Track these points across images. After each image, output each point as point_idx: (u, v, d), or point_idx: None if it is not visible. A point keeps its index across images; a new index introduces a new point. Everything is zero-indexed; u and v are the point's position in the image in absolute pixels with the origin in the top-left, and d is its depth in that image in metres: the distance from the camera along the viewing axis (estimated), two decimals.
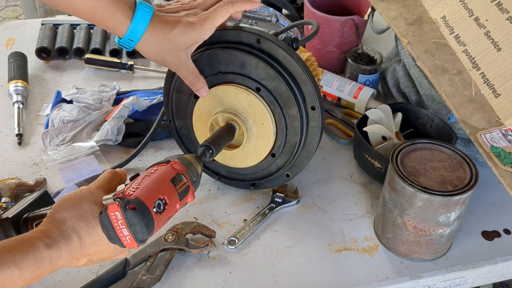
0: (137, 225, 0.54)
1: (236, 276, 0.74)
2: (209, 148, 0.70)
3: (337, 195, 0.87)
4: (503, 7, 0.75)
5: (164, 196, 0.58)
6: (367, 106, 1.02)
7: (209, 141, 0.71)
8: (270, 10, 1.12)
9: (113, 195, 0.56)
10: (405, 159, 0.72)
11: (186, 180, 0.62)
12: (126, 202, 0.54)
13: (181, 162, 0.63)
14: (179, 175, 0.61)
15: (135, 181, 0.58)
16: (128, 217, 0.54)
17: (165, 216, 0.58)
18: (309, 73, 0.74)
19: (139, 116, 0.99)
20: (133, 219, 0.54)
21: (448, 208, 0.68)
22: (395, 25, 0.86)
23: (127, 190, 0.56)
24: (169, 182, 0.59)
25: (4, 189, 0.82)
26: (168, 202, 0.58)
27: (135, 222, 0.54)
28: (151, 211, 0.55)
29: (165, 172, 0.60)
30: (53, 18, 1.76)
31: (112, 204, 0.54)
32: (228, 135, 0.76)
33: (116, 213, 0.54)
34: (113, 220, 0.54)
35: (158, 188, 0.58)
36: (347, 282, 0.73)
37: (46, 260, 0.52)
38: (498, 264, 0.77)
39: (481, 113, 0.72)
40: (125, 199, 0.54)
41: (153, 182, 0.58)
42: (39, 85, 1.10)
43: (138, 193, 0.56)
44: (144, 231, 0.55)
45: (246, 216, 0.83)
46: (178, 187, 0.60)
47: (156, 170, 0.61)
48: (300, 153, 0.79)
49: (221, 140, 0.74)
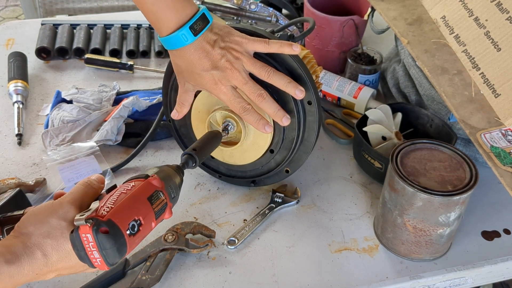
0: (109, 249, 0.52)
1: (236, 276, 0.74)
2: (192, 157, 0.68)
3: (337, 195, 0.87)
4: (503, 7, 0.75)
5: (139, 216, 0.55)
6: (367, 106, 1.02)
7: (193, 149, 0.69)
8: (270, 10, 1.12)
9: (85, 215, 0.53)
10: (405, 159, 0.72)
11: (164, 197, 0.59)
12: (98, 225, 0.51)
13: (160, 177, 0.60)
14: (157, 192, 0.58)
15: (110, 198, 0.55)
16: (99, 241, 0.51)
17: (138, 238, 0.56)
18: (305, 68, 0.74)
19: (139, 116, 0.99)
20: (105, 243, 0.51)
21: (448, 208, 0.68)
22: (395, 25, 0.86)
23: (101, 209, 0.53)
24: (146, 201, 0.57)
25: (4, 189, 0.82)
26: (143, 222, 0.55)
27: (107, 246, 0.52)
28: (124, 234, 0.53)
29: (142, 190, 0.57)
30: (53, 18, 1.76)
31: (84, 225, 0.51)
32: (214, 141, 0.74)
33: (87, 235, 0.51)
34: (84, 242, 0.52)
35: (134, 208, 0.55)
36: (347, 282, 0.73)
37: (5, 276, 0.50)
38: (498, 264, 0.77)
39: (481, 113, 0.72)
40: (98, 221, 0.52)
41: (129, 201, 0.55)
42: (39, 85, 1.10)
43: (111, 214, 0.53)
44: (115, 255, 0.53)
45: (246, 216, 0.83)
46: (155, 205, 0.57)
47: (133, 186, 0.57)
48: (298, 149, 0.79)
49: (206, 148, 0.72)
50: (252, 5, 1.12)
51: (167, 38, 0.68)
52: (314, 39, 1.10)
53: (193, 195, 0.87)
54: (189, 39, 0.67)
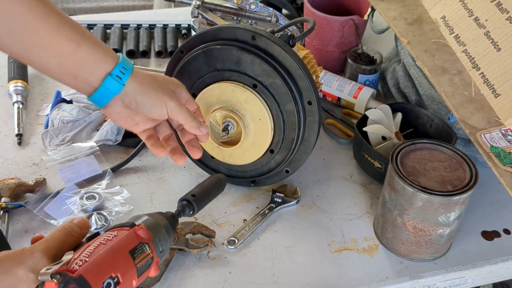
0: None
1: (236, 276, 0.74)
2: (189, 204, 0.63)
3: (337, 195, 0.87)
4: (503, 7, 0.75)
5: (117, 273, 0.47)
6: (367, 106, 1.02)
7: (192, 196, 0.64)
8: (270, 10, 1.12)
9: (53, 268, 0.45)
10: (405, 159, 0.72)
11: (150, 251, 0.52)
12: (66, 282, 0.44)
13: (148, 227, 0.53)
14: (142, 244, 0.51)
15: (86, 249, 0.48)
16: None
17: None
18: (305, 68, 0.74)
19: None
20: None
21: (448, 208, 0.68)
22: (395, 25, 0.85)
23: (73, 262, 0.46)
24: (127, 255, 0.49)
25: (4, 189, 0.82)
26: (121, 281, 0.47)
27: None
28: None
29: (125, 241, 0.50)
30: None
31: (50, 282, 0.44)
32: (217, 187, 0.68)
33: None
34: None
35: (111, 263, 0.47)
36: (347, 282, 0.73)
37: None
38: (498, 264, 0.77)
39: (481, 113, 0.72)
40: (66, 277, 0.44)
41: (106, 254, 0.47)
42: (39, 85, 1.10)
43: (84, 270, 0.45)
44: None
45: (246, 216, 0.83)
46: (138, 260, 0.50)
47: (114, 236, 0.50)
48: (298, 149, 0.79)
49: (208, 195, 0.66)
50: (252, 5, 1.12)
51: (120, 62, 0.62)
52: (314, 39, 1.10)
53: None
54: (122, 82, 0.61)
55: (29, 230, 0.79)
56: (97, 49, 0.59)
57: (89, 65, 0.59)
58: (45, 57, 0.56)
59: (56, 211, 0.81)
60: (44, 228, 0.79)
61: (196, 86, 0.79)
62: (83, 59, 0.58)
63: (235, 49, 0.73)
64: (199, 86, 0.78)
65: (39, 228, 0.79)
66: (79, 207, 0.81)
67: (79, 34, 0.57)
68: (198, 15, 1.11)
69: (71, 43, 0.56)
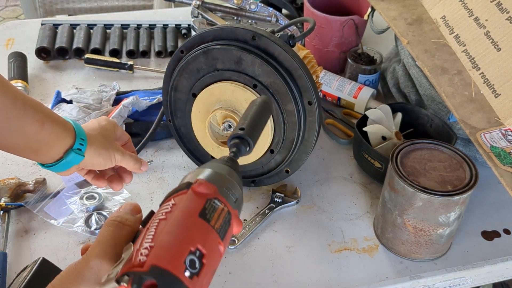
0: None
1: (236, 276, 0.74)
2: (244, 141, 0.50)
3: (337, 195, 0.87)
4: (503, 7, 0.75)
5: (196, 245, 0.38)
6: (367, 106, 1.02)
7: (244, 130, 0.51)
8: (270, 10, 1.12)
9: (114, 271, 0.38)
10: (405, 159, 0.72)
11: (223, 205, 0.42)
12: (139, 280, 0.35)
13: (208, 179, 0.43)
14: (210, 201, 0.41)
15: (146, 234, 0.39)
16: None
17: (207, 274, 0.39)
18: (305, 68, 0.74)
19: (138, 116, 0.99)
20: None
21: (448, 208, 0.68)
22: (395, 25, 0.86)
23: (137, 255, 0.37)
24: (199, 220, 0.40)
25: (4, 189, 0.82)
26: (205, 252, 0.38)
27: None
28: (183, 280, 0.36)
29: (189, 206, 0.41)
30: (53, 18, 1.76)
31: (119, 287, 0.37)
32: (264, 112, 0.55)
33: None
34: None
35: (184, 236, 0.38)
36: (347, 282, 0.73)
37: None
38: (498, 264, 0.77)
39: (481, 113, 0.72)
40: (137, 275, 0.36)
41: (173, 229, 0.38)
42: (39, 85, 1.10)
43: (153, 257, 0.37)
44: None
45: (245, 216, 0.83)
46: (213, 221, 0.40)
47: (173, 205, 0.41)
48: (298, 149, 0.79)
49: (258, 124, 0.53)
50: (252, 5, 1.12)
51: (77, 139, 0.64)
52: (314, 39, 1.10)
53: None
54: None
55: (29, 230, 0.79)
56: (58, 125, 0.62)
57: (51, 141, 0.61)
58: (12, 138, 0.58)
59: (56, 211, 0.81)
60: (44, 228, 0.79)
61: (196, 86, 0.79)
62: (47, 136, 0.61)
63: (235, 49, 0.73)
64: (199, 86, 0.78)
65: (39, 228, 0.79)
66: (79, 207, 0.81)
67: (42, 114, 0.60)
68: (198, 15, 1.11)
69: (36, 124, 0.59)
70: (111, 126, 0.71)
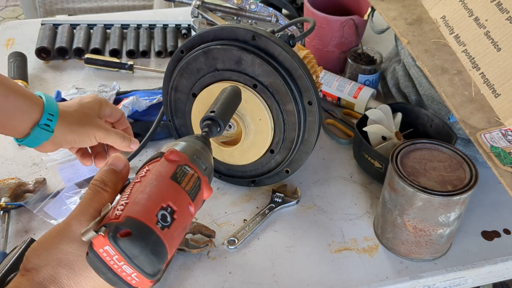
0: (140, 255, 0.39)
1: (236, 276, 0.74)
2: (215, 122, 0.56)
3: (337, 195, 0.87)
4: (503, 7, 0.75)
5: (167, 202, 0.42)
6: (367, 106, 1.02)
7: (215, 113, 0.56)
8: (270, 10, 1.12)
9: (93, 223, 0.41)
10: (405, 159, 0.72)
11: (193, 171, 0.46)
12: (115, 229, 0.39)
13: (179, 149, 0.48)
14: (181, 167, 0.46)
15: (123, 195, 0.43)
16: (123, 248, 0.39)
17: (178, 228, 0.43)
18: (305, 68, 0.74)
19: (138, 116, 0.99)
20: (132, 249, 0.39)
21: (448, 208, 0.68)
22: (395, 25, 0.86)
23: (114, 211, 0.41)
24: (170, 181, 0.44)
25: (4, 189, 0.82)
26: (176, 208, 0.43)
27: (136, 253, 0.39)
28: (155, 229, 0.40)
29: (161, 169, 0.45)
30: (53, 18, 1.76)
31: (97, 237, 0.39)
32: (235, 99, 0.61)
33: (106, 248, 0.39)
34: (106, 258, 0.40)
35: (157, 194, 0.42)
36: (347, 282, 0.73)
37: None
38: (498, 264, 0.77)
39: (481, 113, 0.72)
40: (113, 225, 0.39)
41: (146, 189, 0.43)
42: (39, 85, 1.10)
43: (129, 210, 0.41)
44: (152, 260, 0.40)
45: (246, 216, 0.83)
46: (184, 183, 0.45)
47: (147, 171, 0.45)
48: (298, 149, 0.79)
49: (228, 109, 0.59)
50: (252, 5, 1.12)
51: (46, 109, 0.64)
52: (314, 39, 1.10)
53: None
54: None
55: (29, 230, 0.79)
56: (24, 99, 0.62)
57: (17, 115, 0.62)
58: None
59: (56, 211, 0.81)
60: (44, 228, 0.79)
61: (196, 86, 0.79)
62: (11, 110, 0.61)
63: (235, 49, 0.73)
64: (199, 86, 0.78)
65: (39, 228, 0.79)
66: None
67: (5, 87, 0.60)
68: (198, 15, 1.11)
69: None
70: (95, 103, 0.70)
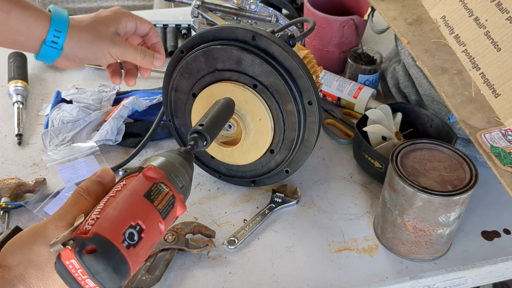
0: (102, 272, 0.41)
1: (236, 276, 0.74)
2: (202, 136, 0.57)
3: (337, 195, 0.87)
4: (503, 7, 0.75)
5: (137, 220, 0.43)
6: (367, 106, 1.02)
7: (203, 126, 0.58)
8: (270, 10, 1.12)
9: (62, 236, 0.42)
10: (405, 159, 0.72)
11: (169, 189, 0.48)
12: (81, 244, 0.40)
13: (158, 165, 0.48)
14: (156, 185, 0.47)
15: (97, 207, 0.44)
16: (87, 264, 0.40)
17: (144, 247, 0.44)
18: (305, 68, 0.74)
19: (138, 116, 0.99)
20: (95, 266, 0.40)
21: (448, 208, 0.68)
22: (395, 25, 0.85)
23: (85, 225, 0.43)
24: (143, 199, 0.45)
25: (4, 189, 0.82)
26: (144, 227, 0.44)
27: (98, 270, 0.41)
28: (119, 248, 0.42)
29: (136, 187, 0.46)
30: None
31: (64, 250, 0.41)
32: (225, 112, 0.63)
33: (72, 261, 0.41)
34: (71, 270, 0.41)
35: (127, 212, 0.44)
36: (346, 282, 0.73)
37: None
38: (498, 264, 0.77)
39: (481, 113, 0.72)
40: (80, 240, 0.41)
41: (118, 205, 0.44)
42: (39, 85, 1.10)
43: (97, 226, 0.42)
44: (114, 278, 0.41)
45: (246, 216, 0.83)
46: (157, 202, 0.46)
47: (124, 186, 0.46)
48: (298, 149, 0.79)
49: (217, 122, 0.61)
50: (252, 5, 1.12)
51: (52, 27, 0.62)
52: (314, 39, 1.10)
53: (193, 195, 0.87)
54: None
55: None
56: (28, 14, 0.60)
57: (23, 31, 0.60)
58: None
59: None
60: None
61: (196, 86, 0.79)
62: (16, 26, 0.59)
63: (235, 49, 0.73)
64: (199, 86, 0.78)
65: None
66: None
67: (6, 2, 0.58)
68: (198, 15, 1.11)
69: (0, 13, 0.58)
70: (112, 18, 0.67)
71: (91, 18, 0.66)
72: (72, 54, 0.63)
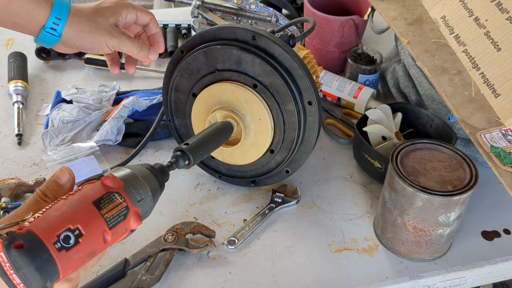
0: (25, 269, 0.40)
1: (236, 276, 0.74)
2: (184, 155, 0.57)
3: (337, 195, 0.87)
4: (503, 7, 0.75)
5: (76, 224, 0.43)
6: (367, 106, 1.02)
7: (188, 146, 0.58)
8: (270, 10, 1.12)
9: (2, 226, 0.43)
10: (405, 159, 0.72)
11: (123, 200, 0.47)
12: (11, 239, 0.41)
13: (119, 176, 0.49)
14: (109, 194, 0.47)
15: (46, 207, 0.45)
16: (12, 259, 0.40)
17: (79, 252, 0.44)
18: (305, 68, 0.74)
19: (139, 116, 0.99)
20: (18, 261, 0.40)
21: (448, 208, 0.68)
22: (395, 25, 0.86)
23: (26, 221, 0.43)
24: (90, 205, 0.45)
25: (4, 189, 0.82)
26: (83, 232, 0.44)
27: (22, 266, 0.40)
28: (49, 248, 0.41)
29: (87, 192, 0.46)
30: None
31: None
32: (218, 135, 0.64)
33: (1, 254, 0.41)
34: (2, 263, 0.41)
35: (68, 215, 0.44)
36: (347, 282, 0.73)
37: None
38: (498, 264, 0.77)
39: (481, 113, 0.72)
40: (12, 235, 0.41)
41: (62, 207, 0.44)
42: (39, 85, 1.10)
43: (33, 224, 0.42)
44: (36, 276, 0.41)
45: (246, 216, 0.83)
46: (105, 210, 0.46)
47: (78, 190, 0.47)
48: (298, 149, 0.79)
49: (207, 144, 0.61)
50: (252, 5, 1.12)
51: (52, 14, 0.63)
52: (314, 39, 1.10)
53: (193, 195, 0.87)
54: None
55: None
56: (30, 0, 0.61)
57: (24, 15, 0.61)
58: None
59: None
60: None
61: (196, 86, 0.79)
62: (17, 10, 0.60)
63: (235, 49, 0.73)
64: (199, 86, 0.78)
65: None
66: None
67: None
68: (198, 15, 1.11)
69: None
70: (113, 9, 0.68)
71: (92, 8, 0.67)
72: (70, 42, 0.65)
